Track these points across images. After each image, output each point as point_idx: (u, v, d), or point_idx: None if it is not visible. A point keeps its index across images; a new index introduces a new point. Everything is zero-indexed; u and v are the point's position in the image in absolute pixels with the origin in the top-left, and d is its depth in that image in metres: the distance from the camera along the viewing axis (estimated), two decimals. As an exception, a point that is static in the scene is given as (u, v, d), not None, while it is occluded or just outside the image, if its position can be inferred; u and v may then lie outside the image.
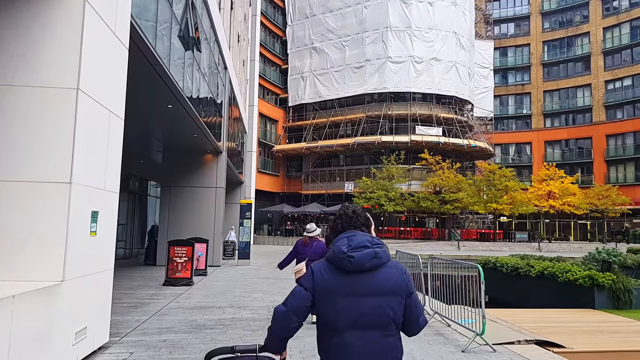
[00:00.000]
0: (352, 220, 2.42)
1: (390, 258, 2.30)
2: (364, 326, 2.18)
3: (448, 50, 42.22)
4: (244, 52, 30.30)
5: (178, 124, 13.96)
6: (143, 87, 10.25)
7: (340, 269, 2.23)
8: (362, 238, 2.28)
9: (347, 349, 2.18)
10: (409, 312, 2.27)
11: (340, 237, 2.33)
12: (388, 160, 39.06)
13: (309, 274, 2.30)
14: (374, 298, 2.20)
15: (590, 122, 51.89)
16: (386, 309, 2.20)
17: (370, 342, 2.18)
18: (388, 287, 2.22)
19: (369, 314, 2.19)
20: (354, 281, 2.21)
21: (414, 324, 2.30)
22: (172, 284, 12.64)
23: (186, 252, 12.94)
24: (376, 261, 2.22)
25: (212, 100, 15.80)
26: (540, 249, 35.29)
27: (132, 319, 8.29)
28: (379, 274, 2.23)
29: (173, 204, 18.53)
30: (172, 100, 11.27)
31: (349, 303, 2.19)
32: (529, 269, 12.29)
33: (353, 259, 2.20)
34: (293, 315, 2.24)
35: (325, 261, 2.31)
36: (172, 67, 9.81)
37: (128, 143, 17.80)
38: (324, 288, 2.23)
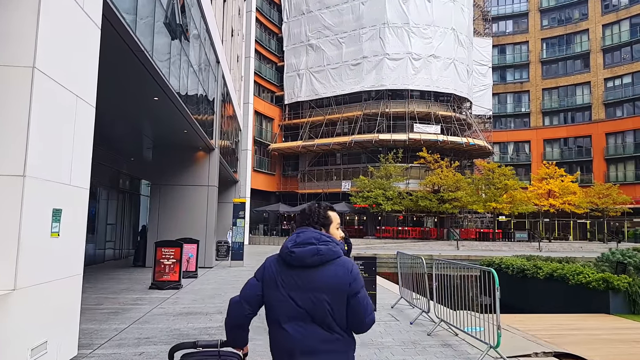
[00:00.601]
0: (308, 217, 2.50)
1: (339, 255, 2.34)
2: (303, 318, 2.26)
3: (446, 47, 41.59)
4: (239, 48, 29.58)
5: (166, 118, 13.25)
6: (125, 77, 9.56)
7: (287, 264, 2.33)
8: (309, 235, 2.36)
9: (286, 340, 2.27)
10: (353, 312, 2.29)
11: (293, 233, 2.43)
12: (386, 159, 38.40)
13: (262, 265, 2.42)
14: (314, 293, 2.26)
15: (590, 120, 51.37)
16: (325, 304, 2.25)
17: (308, 335, 2.25)
18: (329, 284, 2.27)
19: (307, 308, 2.26)
20: (298, 275, 2.29)
21: (360, 323, 2.32)
22: (159, 288, 11.93)
23: (174, 253, 12.22)
24: (318, 258, 2.28)
25: (203, 94, 15.08)
26: (540, 248, 34.71)
27: (110, 327, 7.58)
28: (323, 270, 2.29)
29: (163, 203, 17.82)
30: (157, 92, 10.55)
31: (290, 296, 2.28)
32: (536, 271, 11.64)
33: (294, 254, 2.30)
34: (246, 303, 2.36)
35: (277, 255, 2.41)
36: (156, 55, 9.10)
37: (116, 140, 17.10)
38: (270, 280, 2.34)
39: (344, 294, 2.28)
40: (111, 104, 11.88)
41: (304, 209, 2.56)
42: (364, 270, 8.97)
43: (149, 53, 8.52)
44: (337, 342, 2.28)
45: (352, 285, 2.29)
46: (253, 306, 2.37)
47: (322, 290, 2.26)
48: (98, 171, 18.38)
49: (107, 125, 14.65)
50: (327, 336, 2.26)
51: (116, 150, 19.04)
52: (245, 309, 2.36)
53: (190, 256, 14.67)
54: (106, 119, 13.68)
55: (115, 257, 20.81)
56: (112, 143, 17.58)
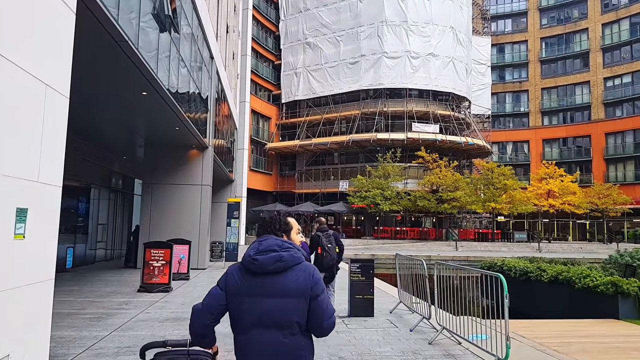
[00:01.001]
0: (269, 224, 2.56)
1: (301, 261, 2.40)
2: (267, 325, 2.29)
3: (445, 45, 41.17)
4: (234, 45, 29.09)
5: (156, 115, 12.78)
6: (111, 69, 9.08)
7: (250, 271, 2.36)
8: (271, 242, 2.41)
9: (251, 346, 2.30)
10: (314, 315, 2.35)
11: (255, 241, 2.48)
12: (384, 158, 37.95)
13: (224, 274, 2.45)
14: (278, 299, 2.30)
15: (589, 120, 51.02)
16: (289, 310, 2.30)
17: (272, 341, 2.28)
18: (292, 289, 2.32)
19: (271, 314, 2.29)
20: (261, 282, 2.33)
21: (319, 326, 2.37)
22: (147, 290, 11.44)
23: (164, 254, 11.75)
24: (281, 264, 2.34)
25: (195, 90, 14.59)
26: (540, 249, 34.32)
27: (90, 335, 7.10)
28: (285, 276, 2.34)
29: (155, 202, 17.34)
30: (145, 87, 10.07)
31: (254, 303, 2.30)
32: (540, 274, 11.19)
33: (257, 261, 2.33)
34: (208, 313, 2.36)
35: (240, 263, 2.43)
36: (142, 46, 8.61)
37: (106, 137, 16.60)
38: (233, 288, 2.36)
39: (306, 298, 2.34)
40: (98, 99, 11.41)
41: (265, 218, 2.63)
42: (360, 274, 8.52)
43: (134, 44, 8.03)
44: (298, 347, 2.33)
45: (314, 289, 2.36)
46: (215, 315, 2.38)
47: (285, 296, 2.32)
48: (88, 169, 17.91)
49: (95, 122, 14.18)
50: (289, 342, 2.31)
51: (107, 148, 18.55)
52: (207, 318, 2.37)
53: (182, 257, 14.19)
54: (94, 115, 13.23)
55: (106, 258, 20.33)
56: (103, 140, 17.10)
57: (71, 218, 17.12)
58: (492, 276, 5.50)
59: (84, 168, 17.40)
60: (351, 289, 8.51)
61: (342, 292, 11.42)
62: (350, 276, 8.53)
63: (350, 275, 8.53)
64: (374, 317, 8.52)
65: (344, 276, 13.97)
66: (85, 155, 17.22)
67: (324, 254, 7.63)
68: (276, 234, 2.53)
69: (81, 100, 11.64)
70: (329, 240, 7.78)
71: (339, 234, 8.95)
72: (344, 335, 7.17)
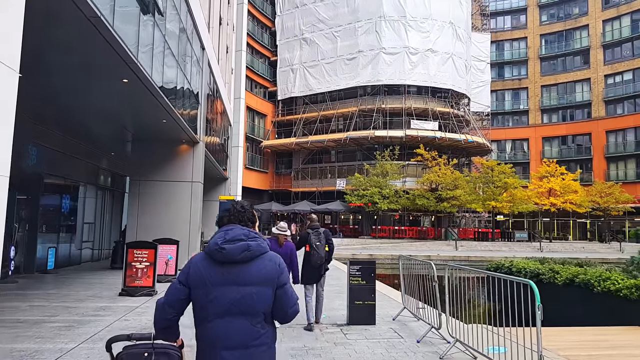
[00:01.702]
0: (241, 214, 2.55)
1: (266, 250, 2.44)
2: (234, 313, 2.32)
3: (444, 41, 40.39)
4: (229, 38, 28.22)
5: (141, 106, 11.94)
6: (86, 52, 8.22)
7: (216, 260, 2.37)
8: (238, 232, 2.42)
9: (216, 334, 2.32)
10: (279, 303, 2.41)
11: (220, 230, 2.47)
12: (382, 156, 37.14)
13: (186, 267, 2.44)
14: (245, 288, 2.34)
15: (590, 118, 50.35)
16: (255, 298, 2.34)
17: (238, 328, 2.32)
18: (259, 278, 2.36)
19: (238, 302, 2.32)
20: (228, 272, 2.35)
21: (284, 314, 2.44)
22: (129, 294, 10.59)
23: (147, 255, 10.89)
24: (248, 254, 2.37)
25: (184, 81, 13.73)
26: (541, 249, 33.60)
27: (54, 347, 6.25)
28: (252, 265, 2.37)
29: (143, 199, 16.49)
30: (126, 73, 9.20)
31: (221, 292, 2.32)
32: (553, 275, 10.40)
33: (224, 250, 2.35)
34: (169, 307, 2.39)
35: (204, 253, 2.44)
36: (119, 26, 7.74)
37: (90, 131, 15.70)
38: (198, 278, 2.36)
39: (273, 287, 2.39)
40: (77, 88, 10.56)
41: (233, 207, 2.58)
42: (360, 277, 7.69)
43: (108, 20, 7.17)
44: (264, 335, 2.37)
45: (280, 278, 2.41)
46: (177, 309, 2.40)
47: (251, 285, 2.34)
48: (72, 166, 17.02)
49: (77, 115, 13.32)
50: (255, 330, 2.34)
51: (92, 143, 17.67)
52: (169, 313, 2.39)
53: (170, 258, 13.34)
54: (76, 108, 12.36)
55: (93, 259, 19.45)
56: (87, 135, 16.20)
57: (53, 217, 16.24)
58: (519, 283, 4.68)
59: (68, 164, 16.52)
60: (350, 293, 7.68)
61: (339, 296, 10.60)
62: (349, 280, 7.71)
63: (350, 278, 7.71)
64: (376, 325, 7.69)
65: (342, 277, 13.11)
66: (69, 150, 16.35)
67: (312, 252, 7.30)
68: (246, 224, 2.53)
69: (60, 91, 10.81)
70: (319, 238, 7.43)
71: (330, 232, 8.23)
72: (343, 347, 6.35)
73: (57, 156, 15.70)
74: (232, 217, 2.52)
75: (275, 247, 7.32)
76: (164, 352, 2.47)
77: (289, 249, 7.33)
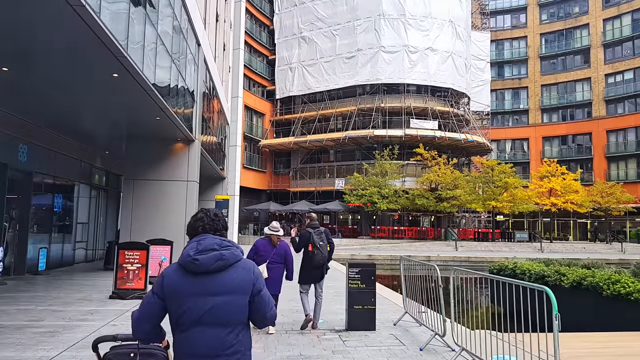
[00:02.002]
0: (215, 222, 2.53)
1: (240, 258, 2.43)
2: (208, 323, 2.32)
3: (444, 40, 40.05)
4: (226, 36, 27.84)
5: (132, 102, 11.56)
6: (73, 43, 7.84)
7: (189, 271, 2.34)
8: (210, 241, 2.40)
9: (191, 344, 2.32)
10: (256, 309, 2.43)
11: (192, 241, 2.44)
12: (381, 156, 36.76)
13: (160, 278, 2.40)
14: (220, 297, 2.33)
15: (590, 118, 50.04)
16: (231, 307, 2.35)
17: (213, 337, 2.32)
18: (234, 286, 2.36)
19: (214, 311, 2.32)
20: (202, 282, 2.33)
21: (262, 318, 2.48)
22: (120, 297, 10.22)
23: (139, 257, 10.52)
24: (222, 263, 2.35)
25: (178, 76, 13.35)
26: (542, 249, 33.26)
27: (34, 356, 5.88)
28: (226, 274, 2.36)
29: (137, 199, 16.10)
30: (116, 67, 8.82)
31: (195, 302, 2.31)
32: (559, 278, 10.04)
33: (198, 261, 2.32)
34: (144, 321, 2.38)
35: (177, 264, 2.41)
36: (106, 17, 7.37)
37: (84, 129, 15.33)
38: (172, 290, 2.34)
39: (248, 294, 2.40)
40: (68, 84, 10.18)
41: (205, 214, 2.56)
42: (360, 280, 7.32)
43: (93, 9, 6.79)
44: (237, 343, 2.37)
45: (256, 285, 2.43)
46: (153, 321, 2.39)
47: (227, 294, 2.35)
48: (65, 164, 16.64)
49: (69, 112, 12.93)
50: (231, 338, 2.35)
51: (87, 141, 17.29)
52: (145, 325, 2.38)
53: (163, 259, 12.93)
54: (67, 104, 11.97)
55: (87, 259, 19.08)
56: (81, 133, 15.80)
57: (45, 216, 15.87)
58: (533, 289, 4.31)
59: (60, 162, 16.14)
60: (349, 297, 7.31)
61: (338, 299, 10.23)
62: (349, 283, 7.34)
63: (349, 282, 7.34)
64: (376, 331, 7.32)
65: (340, 278, 12.74)
66: (60, 148, 15.97)
67: (315, 251, 7.21)
68: (222, 232, 2.53)
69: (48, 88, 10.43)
70: (321, 237, 7.38)
71: (329, 232, 8.10)
72: (341, 356, 5.97)
73: (48, 154, 15.32)
74: (208, 225, 2.50)
75: (269, 248, 7.30)
76: (150, 353, 2.53)
77: (284, 249, 7.34)
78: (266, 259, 7.15)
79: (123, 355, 2.50)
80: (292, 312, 8.93)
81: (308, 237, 7.32)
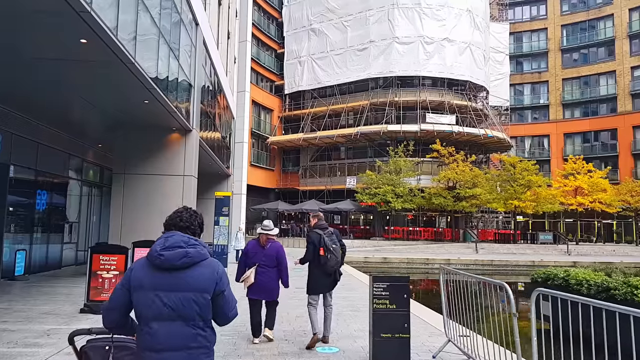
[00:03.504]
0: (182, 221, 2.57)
1: (206, 257, 2.47)
2: (170, 317, 2.35)
3: (462, 30, 37.99)
4: (231, 24, 26.11)
5: (115, 81, 9.84)
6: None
7: (155, 266, 2.40)
8: (178, 239, 2.45)
9: (152, 337, 2.35)
10: (219, 308, 2.47)
11: (160, 237, 2.51)
12: (395, 152, 34.80)
13: (128, 271, 2.50)
14: (182, 293, 2.36)
15: (615, 113, 47.62)
16: (192, 303, 2.37)
17: (174, 332, 2.35)
18: (197, 284, 2.39)
19: (175, 307, 2.35)
20: (166, 277, 2.38)
21: (224, 317, 2.52)
22: (93, 311, 8.50)
23: (116, 262, 8.77)
24: (187, 260, 2.39)
25: (169, 53, 11.57)
26: (569, 252, 31.08)
27: None
28: (191, 271, 2.40)
29: (128, 196, 14.39)
30: (82, 28, 7.05)
31: (159, 296, 2.36)
32: (630, 292, 8.09)
33: (163, 257, 2.38)
34: (113, 311, 2.46)
35: (145, 258, 2.48)
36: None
37: (70, 119, 13.63)
38: (138, 283, 2.40)
39: (210, 293, 2.43)
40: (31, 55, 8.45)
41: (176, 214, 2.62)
42: (389, 300, 5.46)
43: None
44: (201, 338, 2.41)
45: (219, 285, 2.45)
46: (122, 312, 2.46)
47: (190, 290, 2.38)
48: (50, 157, 14.99)
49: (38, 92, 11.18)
50: (193, 333, 2.39)
51: (73, 132, 15.62)
52: (114, 315, 2.46)
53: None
54: (31, 78, 10.22)
55: (77, 262, 17.38)
56: (64, 122, 14.10)
57: (25, 215, 14.20)
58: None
59: (43, 155, 14.48)
60: (375, 322, 5.46)
61: (356, 316, 8.37)
62: (373, 302, 5.48)
63: (373, 300, 5.48)
64: (411, 366, 5.46)
65: (355, 286, 10.85)
66: (43, 139, 14.31)
67: (328, 255, 6.32)
68: (195, 232, 2.59)
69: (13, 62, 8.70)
70: (332, 239, 6.49)
71: (339, 232, 6.97)
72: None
73: (29, 145, 13.68)
74: (180, 223, 2.55)
75: (258, 249, 6.55)
76: (124, 345, 2.59)
77: (275, 250, 6.56)
78: (256, 262, 6.47)
79: (98, 348, 2.58)
80: (298, 334, 7.12)
81: (318, 239, 6.38)
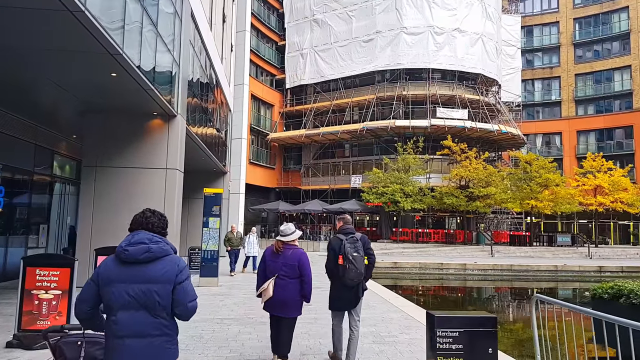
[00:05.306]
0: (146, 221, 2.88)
1: (169, 253, 2.82)
2: (134, 307, 2.67)
3: (473, 20, 35.81)
4: (227, 7, 23.93)
5: (72, 45, 7.67)
6: None
7: (121, 261, 2.75)
8: (142, 236, 2.80)
9: (117, 325, 2.66)
10: (177, 297, 2.74)
11: (128, 235, 2.84)
12: (404, 149, 32.57)
13: (98, 267, 2.80)
14: (146, 285, 2.69)
15: (631, 109, 45.37)
16: (154, 294, 2.69)
17: (137, 321, 2.66)
18: (158, 276, 2.72)
19: (138, 298, 2.67)
20: (131, 270, 2.72)
21: (183, 308, 2.76)
22: (24, 345, 6.31)
23: (58, 278, 6.54)
24: (149, 255, 2.74)
25: (143, 18, 9.34)
26: (591, 255, 28.84)
27: None
28: (153, 265, 2.74)
29: (100, 192, 12.26)
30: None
31: (123, 288, 2.67)
32: None
33: (127, 252, 2.73)
34: (83, 303, 2.75)
35: (114, 255, 2.79)
36: None
37: (26, 99, 11.43)
38: (105, 276, 2.73)
39: (171, 285, 2.74)
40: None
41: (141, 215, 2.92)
42: (463, 356, 3.22)
43: None
44: (163, 326, 2.73)
45: (179, 276, 2.77)
46: (91, 304, 2.75)
47: (152, 282, 2.70)
48: (13, 149, 12.81)
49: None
50: (155, 321, 2.70)
51: (36, 117, 13.41)
52: (84, 307, 2.74)
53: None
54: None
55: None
56: (19, 102, 11.86)
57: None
58: None
59: (5, 146, 12.29)
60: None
61: (382, 351, 6.09)
62: (436, 355, 3.25)
63: (436, 354, 3.25)
64: None
65: (375, 304, 8.58)
66: (5, 128, 12.13)
67: (347, 265, 5.34)
68: (161, 232, 2.91)
69: None
70: (355, 246, 5.43)
71: (368, 239, 5.77)
72: None
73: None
74: (136, 223, 2.89)
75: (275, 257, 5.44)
76: (95, 341, 2.88)
77: (296, 258, 5.39)
78: (274, 273, 5.38)
79: (70, 344, 2.85)
80: None
81: (338, 246, 5.46)
